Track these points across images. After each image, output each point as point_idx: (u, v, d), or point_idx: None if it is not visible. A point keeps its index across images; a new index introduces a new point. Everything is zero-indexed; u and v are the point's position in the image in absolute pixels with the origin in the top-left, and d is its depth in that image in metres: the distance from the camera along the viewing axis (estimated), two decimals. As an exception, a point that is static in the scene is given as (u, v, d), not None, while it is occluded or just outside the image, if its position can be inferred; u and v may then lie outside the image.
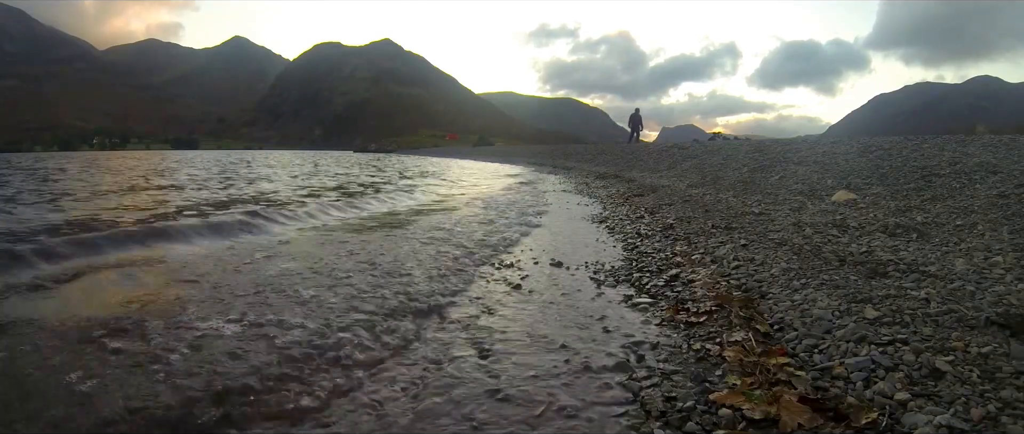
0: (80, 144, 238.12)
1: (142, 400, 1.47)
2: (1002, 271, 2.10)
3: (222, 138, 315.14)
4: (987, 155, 4.68)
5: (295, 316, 2.18)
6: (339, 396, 1.59)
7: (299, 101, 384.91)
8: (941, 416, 1.24)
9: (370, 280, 2.82)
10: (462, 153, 44.80)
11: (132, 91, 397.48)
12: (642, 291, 2.68)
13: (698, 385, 1.58)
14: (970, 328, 1.65)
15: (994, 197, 3.38)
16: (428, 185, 10.98)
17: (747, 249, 3.07)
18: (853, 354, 1.60)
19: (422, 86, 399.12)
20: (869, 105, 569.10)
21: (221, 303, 2.37)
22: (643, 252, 3.54)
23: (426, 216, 5.76)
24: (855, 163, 5.58)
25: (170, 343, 1.87)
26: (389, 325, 2.15)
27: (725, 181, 6.61)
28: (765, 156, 7.62)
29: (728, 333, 1.92)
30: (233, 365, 1.71)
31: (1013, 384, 1.34)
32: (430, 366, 1.81)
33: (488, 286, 2.86)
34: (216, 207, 6.39)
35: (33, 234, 4.20)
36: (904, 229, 3.02)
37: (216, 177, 13.09)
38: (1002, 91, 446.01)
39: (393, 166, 21.42)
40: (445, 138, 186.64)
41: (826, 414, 1.34)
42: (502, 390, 1.62)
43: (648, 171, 10.41)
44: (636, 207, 5.86)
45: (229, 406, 1.47)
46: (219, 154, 64.62)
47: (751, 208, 4.49)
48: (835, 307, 1.95)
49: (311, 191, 9.12)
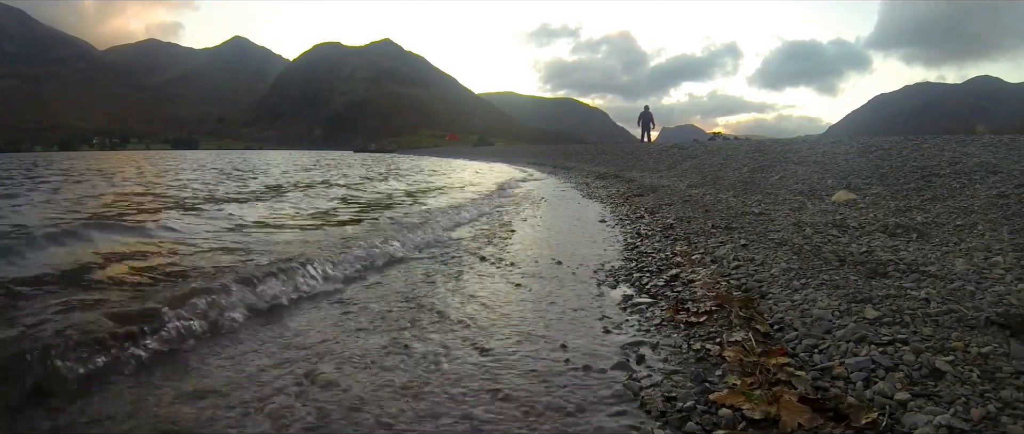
0: (80, 144, 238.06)
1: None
2: (1002, 271, 2.10)
3: (222, 138, 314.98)
4: (987, 155, 4.68)
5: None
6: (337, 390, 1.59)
7: (299, 101, 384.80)
8: (941, 416, 1.24)
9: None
10: (462, 153, 44.80)
11: (132, 91, 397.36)
12: (642, 291, 2.67)
13: (698, 385, 1.58)
14: (970, 328, 1.65)
15: (994, 197, 3.38)
16: (429, 188, 10.97)
17: (747, 249, 3.07)
18: (853, 354, 1.60)
19: (422, 86, 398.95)
20: (869, 105, 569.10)
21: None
22: (643, 252, 3.54)
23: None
24: (855, 163, 5.58)
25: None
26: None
27: (725, 181, 6.61)
28: (765, 156, 7.62)
29: (728, 333, 1.92)
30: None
31: (1013, 384, 1.34)
32: (429, 365, 1.81)
33: (488, 284, 2.86)
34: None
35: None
36: (904, 229, 3.02)
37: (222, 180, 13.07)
38: (1002, 91, 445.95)
39: (399, 171, 21.37)
40: (445, 138, 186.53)
41: (826, 414, 1.34)
42: (502, 389, 1.62)
43: (648, 171, 10.41)
44: (636, 207, 5.86)
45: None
46: (215, 154, 64.53)
47: (751, 208, 4.49)
48: (835, 307, 1.95)
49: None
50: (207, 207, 6.48)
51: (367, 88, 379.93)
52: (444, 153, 49.96)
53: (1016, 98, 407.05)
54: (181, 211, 6.10)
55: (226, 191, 9.23)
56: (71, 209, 6.35)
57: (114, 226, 4.58)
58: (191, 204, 6.90)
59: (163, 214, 5.80)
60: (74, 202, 7.20)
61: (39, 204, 7.07)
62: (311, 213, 6.09)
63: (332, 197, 8.19)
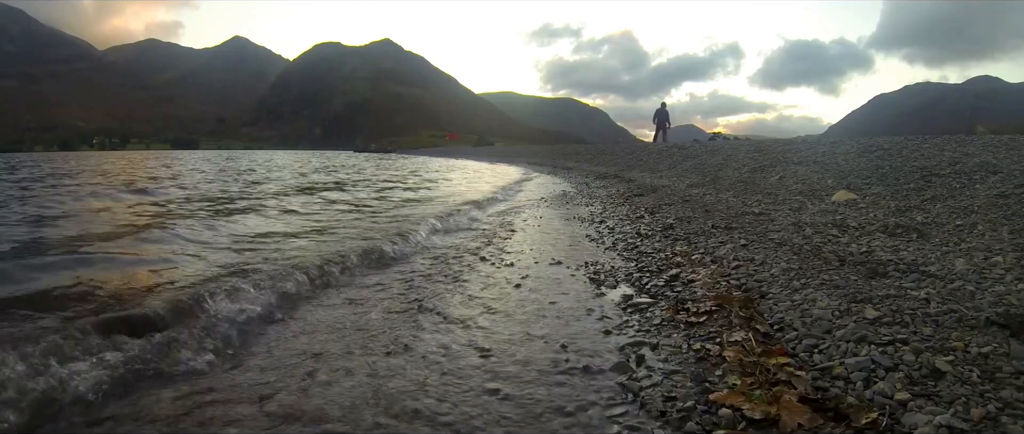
0: (80, 144, 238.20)
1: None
2: (1002, 271, 2.10)
3: (222, 138, 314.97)
4: (987, 155, 4.68)
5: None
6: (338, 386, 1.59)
7: (299, 101, 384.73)
8: (941, 416, 1.24)
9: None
10: (462, 153, 44.79)
11: (132, 91, 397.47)
12: (642, 291, 2.67)
13: (698, 385, 1.58)
14: (970, 328, 1.65)
15: (994, 197, 3.38)
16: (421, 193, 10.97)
17: (747, 249, 3.07)
18: (853, 354, 1.60)
19: (422, 86, 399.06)
20: (869, 105, 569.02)
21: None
22: (643, 252, 3.53)
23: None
24: (855, 163, 5.58)
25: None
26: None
27: (725, 181, 6.61)
28: (765, 156, 7.62)
29: (728, 333, 1.91)
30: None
31: (1013, 384, 1.34)
32: (430, 365, 1.81)
33: (488, 285, 2.86)
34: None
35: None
36: (904, 229, 3.02)
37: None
38: (1002, 91, 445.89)
39: (396, 175, 21.35)
40: (445, 138, 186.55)
41: (826, 414, 1.34)
42: (501, 389, 1.62)
43: (648, 171, 10.40)
44: (636, 207, 5.86)
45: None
46: (214, 154, 64.48)
47: (751, 208, 4.49)
48: (835, 307, 1.95)
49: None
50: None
51: (367, 88, 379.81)
52: (445, 153, 49.95)
53: (1016, 98, 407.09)
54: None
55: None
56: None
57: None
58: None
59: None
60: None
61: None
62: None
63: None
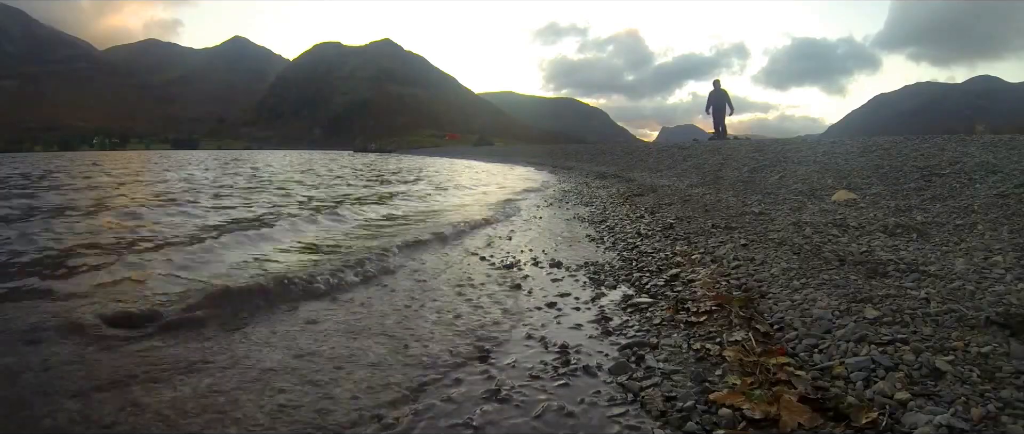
0: (80, 144, 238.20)
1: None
2: (1002, 271, 2.10)
3: (222, 138, 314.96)
4: (987, 155, 4.67)
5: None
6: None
7: (299, 101, 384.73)
8: (941, 416, 1.23)
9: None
10: (462, 153, 44.77)
11: (132, 91, 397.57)
12: (642, 291, 2.67)
13: (698, 385, 1.58)
14: (970, 328, 1.65)
15: (994, 197, 3.38)
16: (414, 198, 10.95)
17: (747, 249, 3.07)
18: (853, 354, 1.60)
19: (422, 86, 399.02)
20: (869, 105, 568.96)
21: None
22: (643, 252, 3.53)
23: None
24: (855, 163, 5.57)
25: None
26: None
27: (725, 181, 6.61)
28: (765, 156, 7.61)
29: (728, 333, 1.91)
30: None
31: (1013, 384, 1.33)
32: (429, 366, 1.81)
33: (488, 286, 2.86)
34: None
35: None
36: (904, 229, 3.02)
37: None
38: (1002, 91, 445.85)
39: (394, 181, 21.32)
40: (445, 138, 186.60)
41: (826, 414, 1.34)
42: (501, 391, 1.62)
43: (648, 171, 10.40)
44: (636, 207, 5.85)
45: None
46: (217, 154, 64.42)
47: (751, 208, 4.48)
48: (835, 307, 1.95)
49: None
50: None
51: (367, 88, 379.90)
52: (445, 153, 49.94)
53: (1016, 98, 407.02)
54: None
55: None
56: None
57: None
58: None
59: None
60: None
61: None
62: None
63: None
